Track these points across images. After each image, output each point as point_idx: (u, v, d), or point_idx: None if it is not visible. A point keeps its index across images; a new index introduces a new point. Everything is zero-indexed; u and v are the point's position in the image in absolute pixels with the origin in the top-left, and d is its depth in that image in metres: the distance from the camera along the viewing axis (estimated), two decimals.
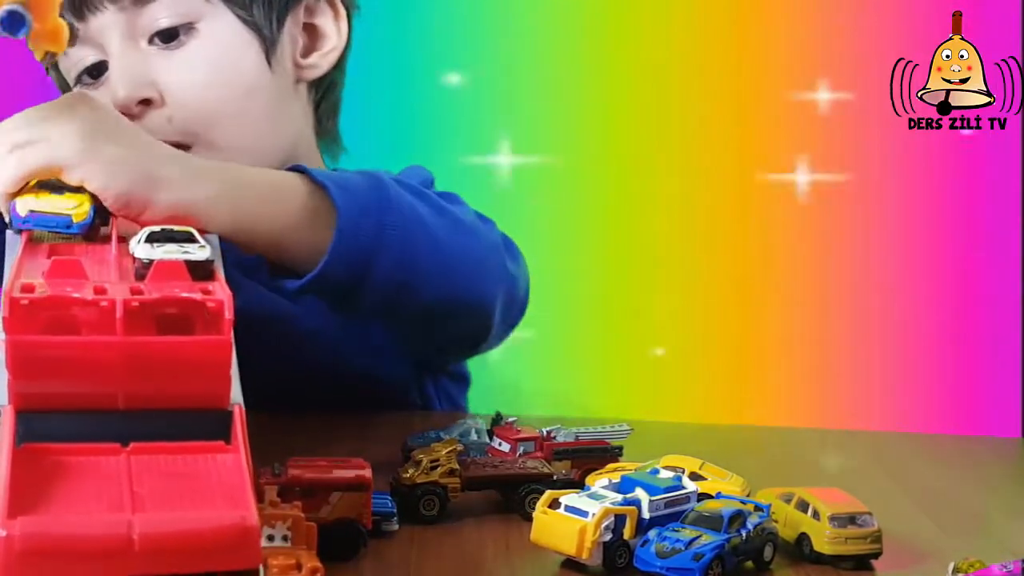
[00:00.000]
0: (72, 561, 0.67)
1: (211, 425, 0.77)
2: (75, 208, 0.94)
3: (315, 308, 1.30)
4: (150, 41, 1.29)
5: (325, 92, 1.42)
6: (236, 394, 0.79)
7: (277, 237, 1.10)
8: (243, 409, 0.78)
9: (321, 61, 1.39)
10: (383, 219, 1.11)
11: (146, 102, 1.28)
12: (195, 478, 0.74)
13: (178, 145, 1.13)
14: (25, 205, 0.94)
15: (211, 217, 1.02)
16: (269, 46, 1.33)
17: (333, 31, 1.39)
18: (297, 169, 1.14)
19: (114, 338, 0.75)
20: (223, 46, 1.31)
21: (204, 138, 1.29)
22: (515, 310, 1.30)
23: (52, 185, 0.97)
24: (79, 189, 0.97)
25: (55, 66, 1.36)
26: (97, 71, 1.31)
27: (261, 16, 1.32)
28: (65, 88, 1.36)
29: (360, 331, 1.31)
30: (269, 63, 1.33)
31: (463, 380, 1.48)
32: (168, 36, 1.29)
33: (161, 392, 0.76)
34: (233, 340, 0.78)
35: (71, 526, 0.67)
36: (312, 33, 1.39)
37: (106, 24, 1.28)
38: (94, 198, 0.97)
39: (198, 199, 1.02)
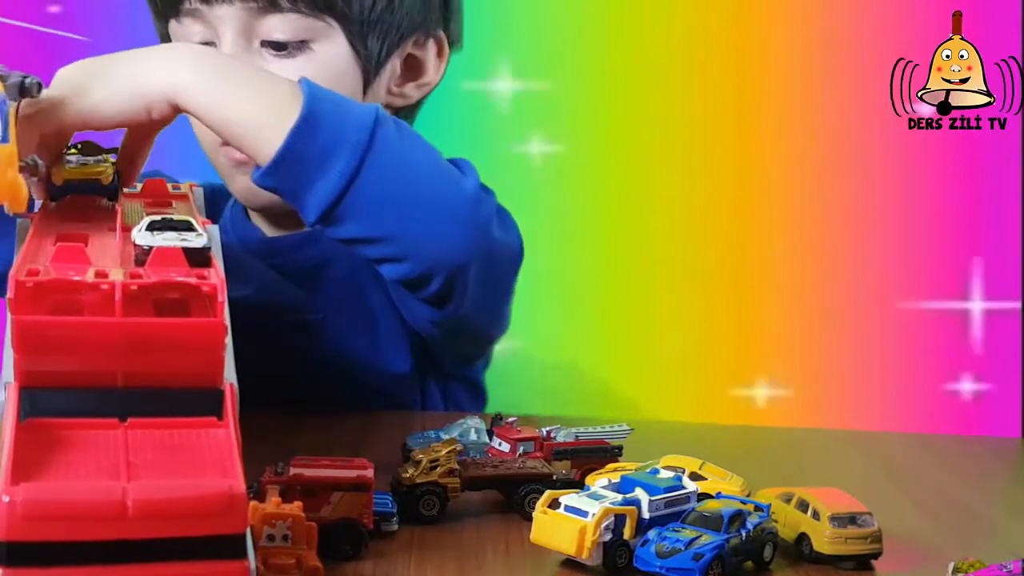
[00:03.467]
0: (70, 524, 0.71)
1: (204, 402, 0.80)
2: (101, 173, 1.06)
3: (323, 299, 1.31)
4: (262, 44, 1.34)
5: (406, 115, 1.45)
6: (229, 373, 0.82)
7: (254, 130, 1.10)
8: (235, 387, 0.81)
9: (414, 92, 1.44)
10: (348, 124, 1.11)
11: None
12: (188, 450, 0.77)
13: None
14: (60, 176, 1.04)
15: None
16: (370, 75, 1.38)
17: (433, 68, 1.44)
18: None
19: (113, 319, 0.79)
20: (327, 67, 1.35)
21: None
22: (497, 279, 1.27)
23: (84, 151, 1.09)
24: (101, 159, 1.08)
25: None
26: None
27: (374, 46, 1.38)
28: None
29: (366, 323, 1.31)
30: (364, 90, 1.38)
31: (478, 390, 1.47)
32: (279, 46, 1.35)
33: (158, 371, 0.80)
34: (228, 323, 0.81)
35: (69, 492, 0.72)
36: (412, 64, 1.43)
37: (226, 16, 1.33)
38: (114, 164, 1.09)
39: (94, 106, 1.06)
